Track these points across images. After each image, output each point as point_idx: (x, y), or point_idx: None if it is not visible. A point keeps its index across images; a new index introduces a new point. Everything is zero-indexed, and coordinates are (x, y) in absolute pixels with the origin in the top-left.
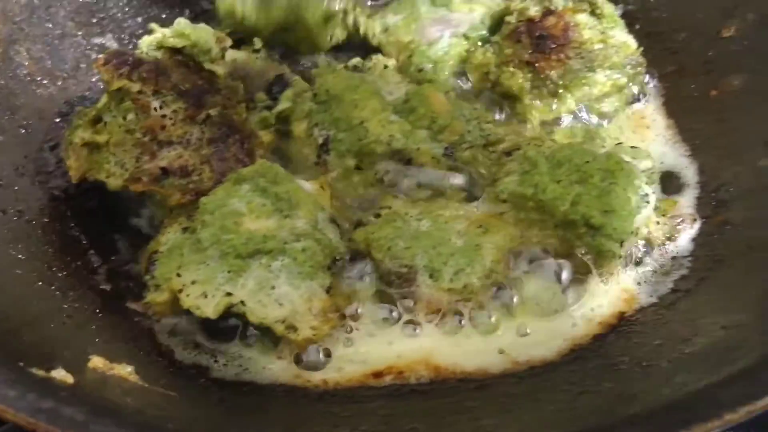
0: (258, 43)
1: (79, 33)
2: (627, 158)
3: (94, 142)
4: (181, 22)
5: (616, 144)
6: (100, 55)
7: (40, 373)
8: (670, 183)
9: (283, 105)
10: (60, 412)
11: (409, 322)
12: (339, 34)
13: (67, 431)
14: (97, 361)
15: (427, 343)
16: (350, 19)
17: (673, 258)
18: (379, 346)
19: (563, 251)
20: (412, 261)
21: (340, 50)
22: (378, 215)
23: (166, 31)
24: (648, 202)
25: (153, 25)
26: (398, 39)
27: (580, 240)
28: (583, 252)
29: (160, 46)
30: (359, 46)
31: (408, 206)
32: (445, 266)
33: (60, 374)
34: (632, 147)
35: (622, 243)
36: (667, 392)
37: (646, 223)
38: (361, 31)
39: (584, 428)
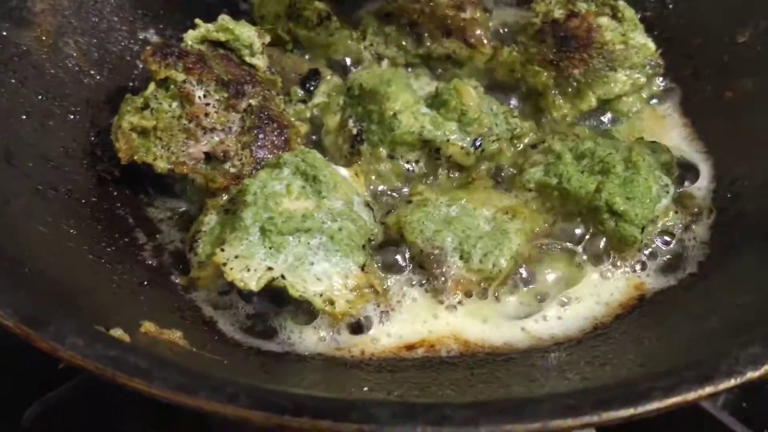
0: (289, 42)
1: (124, 27)
2: (647, 151)
3: (141, 127)
4: (225, 18)
5: (636, 138)
6: (148, 47)
7: (101, 329)
8: (687, 176)
9: (317, 99)
10: (125, 359)
11: (438, 300)
12: None
13: (134, 377)
14: (148, 326)
15: (457, 321)
16: None
17: (692, 245)
18: (411, 322)
19: (586, 236)
20: (443, 243)
21: None
22: (409, 201)
23: (210, 26)
24: (668, 192)
25: (198, 21)
26: None
27: (603, 226)
28: (605, 238)
29: (203, 40)
30: None
31: (438, 193)
32: (474, 248)
33: (117, 333)
34: (652, 141)
35: (643, 229)
36: (688, 358)
37: (666, 211)
38: None
39: (610, 395)
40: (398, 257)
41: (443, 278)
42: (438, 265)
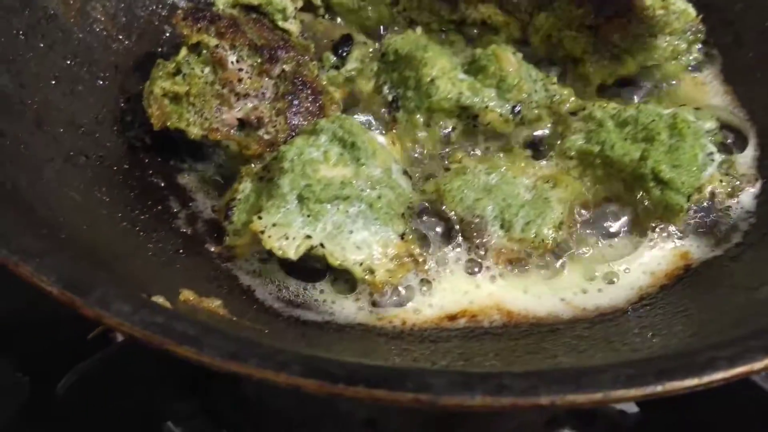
0: (321, 7)
1: None
2: (691, 118)
3: (173, 92)
4: None
5: (680, 105)
6: (179, 11)
7: (144, 296)
8: (731, 144)
9: (351, 65)
10: (173, 326)
11: (479, 270)
12: None
13: (182, 344)
14: (187, 294)
15: (499, 291)
16: None
17: (737, 214)
18: (452, 292)
19: (630, 205)
20: (483, 211)
21: None
22: (448, 168)
23: None
24: (713, 160)
25: None
26: None
27: (648, 194)
28: (650, 207)
29: (235, 4)
30: None
31: (476, 161)
32: (516, 217)
33: (159, 300)
34: (695, 108)
35: (689, 197)
36: (741, 330)
37: (711, 180)
38: None
39: (672, 364)
40: (438, 226)
41: (484, 248)
42: (478, 234)
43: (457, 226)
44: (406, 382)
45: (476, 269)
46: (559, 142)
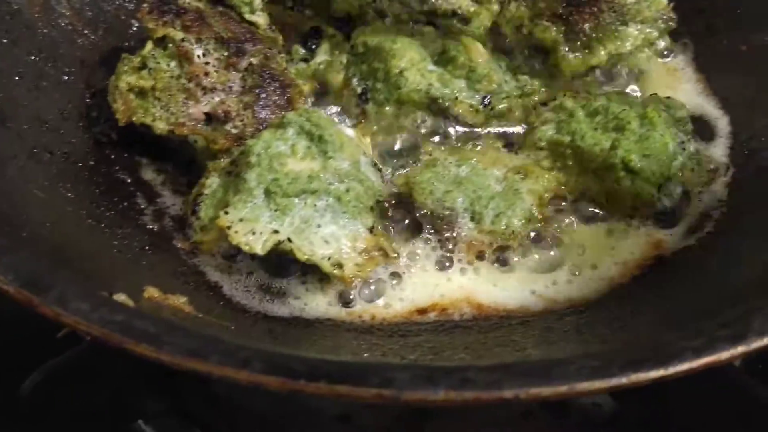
0: None
1: None
2: (662, 107)
3: (139, 87)
4: None
5: (651, 95)
6: (144, 4)
7: (105, 294)
8: (703, 133)
9: (320, 57)
10: (132, 324)
11: (450, 263)
12: None
13: (141, 342)
14: (152, 291)
15: (469, 284)
16: None
17: (709, 203)
18: (422, 285)
19: (600, 196)
20: (453, 204)
21: None
22: (418, 161)
23: None
24: (684, 149)
25: None
26: None
27: (618, 184)
28: (620, 196)
29: None
30: None
31: (447, 153)
32: (486, 209)
33: (121, 298)
34: (666, 97)
35: (660, 187)
36: (715, 318)
37: (682, 169)
38: None
39: (639, 355)
40: (408, 219)
41: (455, 240)
42: (449, 227)
43: (428, 219)
44: (369, 377)
45: (447, 262)
46: (529, 133)
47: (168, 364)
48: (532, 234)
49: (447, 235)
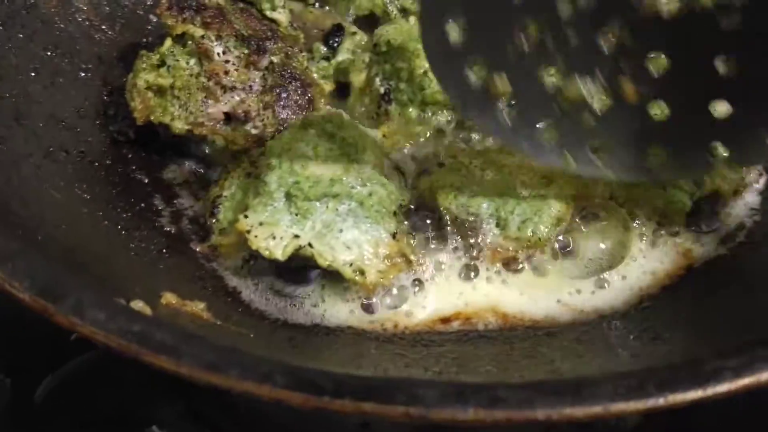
0: None
1: None
2: None
3: (158, 85)
4: None
5: None
6: (163, 0)
7: (122, 302)
8: None
9: (341, 56)
10: (150, 335)
11: (475, 271)
12: None
13: (160, 354)
14: (169, 297)
15: (494, 292)
16: None
17: (741, 211)
18: (447, 293)
19: (629, 203)
20: (478, 209)
21: None
22: (441, 164)
23: None
24: (716, 156)
25: None
26: None
27: (650, 192)
28: (652, 205)
29: None
30: None
31: (472, 156)
32: (511, 215)
33: (138, 305)
34: None
35: (692, 195)
36: (747, 336)
37: (715, 176)
38: None
39: (675, 375)
40: (431, 225)
41: (479, 247)
42: (473, 233)
43: (452, 225)
44: (396, 394)
45: (472, 271)
46: None
47: (187, 377)
48: (560, 239)
49: (471, 241)
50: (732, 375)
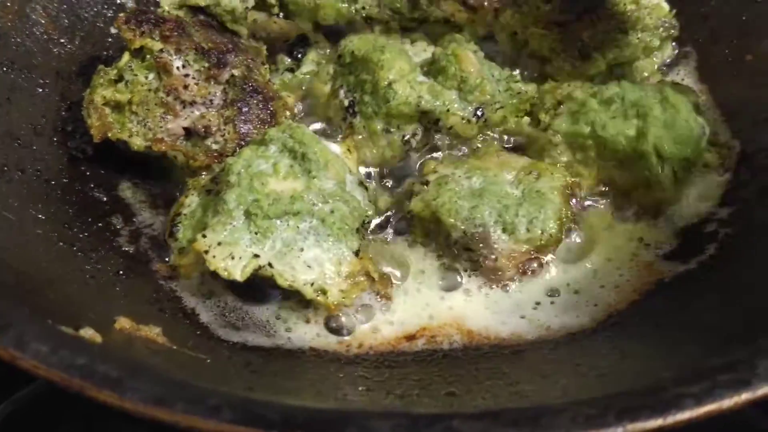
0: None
1: None
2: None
3: (115, 101)
4: None
5: (658, 81)
6: (121, 14)
7: (69, 331)
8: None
9: (306, 67)
10: (94, 368)
11: (496, 280)
12: None
13: (103, 388)
14: (123, 322)
15: (458, 306)
16: None
17: (711, 224)
18: (412, 305)
19: (627, 187)
20: (483, 219)
21: None
22: (425, 182)
23: None
24: (705, 133)
25: None
26: None
27: (650, 171)
28: (654, 184)
29: (182, 5)
30: None
31: (451, 167)
32: (516, 218)
33: (88, 333)
34: (675, 83)
35: (690, 170)
36: (711, 360)
37: (706, 151)
38: None
39: (635, 402)
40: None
41: (493, 256)
42: (484, 244)
43: (461, 241)
44: (347, 427)
45: (440, 284)
46: (542, 130)
47: (132, 412)
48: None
49: (484, 252)
50: (693, 402)
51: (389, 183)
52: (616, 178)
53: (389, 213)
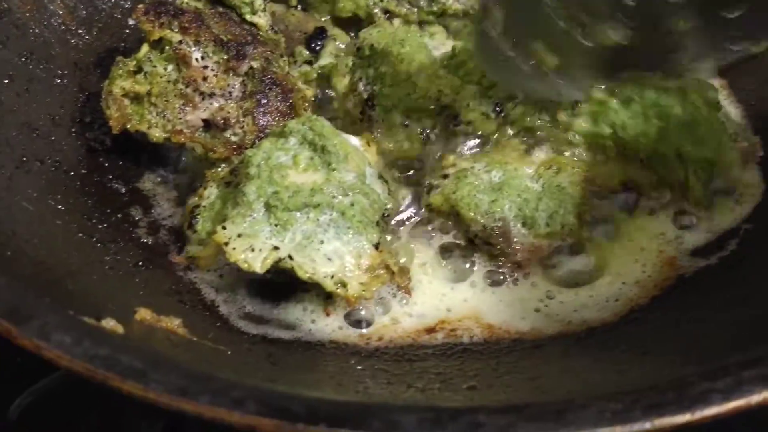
0: None
1: None
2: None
3: (134, 92)
4: None
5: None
6: (139, 5)
7: (91, 321)
8: None
9: (324, 60)
10: (117, 359)
11: (519, 273)
12: None
13: (127, 379)
14: (144, 313)
15: (475, 298)
16: None
17: (734, 221)
18: (430, 296)
19: (647, 187)
20: (503, 213)
21: None
22: (445, 175)
23: None
24: (726, 130)
25: None
26: None
27: (671, 175)
28: (677, 188)
29: None
30: None
31: (471, 160)
32: (536, 212)
33: (110, 324)
34: (694, 79)
35: (711, 173)
36: (737, 355)
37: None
38: None
39: (661, 398)
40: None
41: (513, 250)
42: (504, 238)
43: (480, 235)
44: (372, 420)
45: (459, 276)
46: (562, 132)
47: (155, 403)
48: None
49: (504, 247)
50: (721, 398)
51: (408, 176)
52: (639, 178)
53: (408, 206)
